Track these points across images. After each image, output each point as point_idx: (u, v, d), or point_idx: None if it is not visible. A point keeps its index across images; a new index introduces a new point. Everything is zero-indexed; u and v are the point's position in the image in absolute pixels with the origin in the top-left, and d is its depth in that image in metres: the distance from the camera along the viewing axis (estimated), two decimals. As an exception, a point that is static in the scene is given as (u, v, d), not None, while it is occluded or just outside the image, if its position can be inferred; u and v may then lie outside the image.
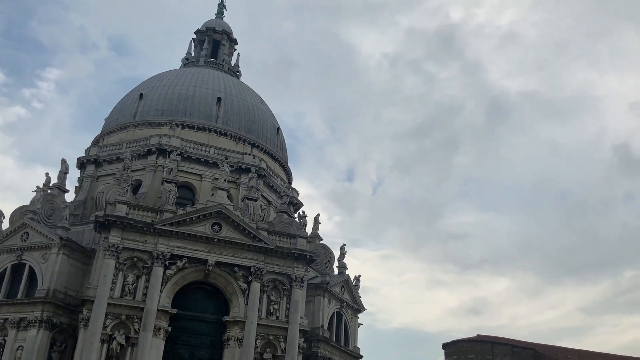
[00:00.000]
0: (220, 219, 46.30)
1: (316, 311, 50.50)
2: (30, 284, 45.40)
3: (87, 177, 58.68)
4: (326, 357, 50.19)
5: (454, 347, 72.14)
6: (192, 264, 44.79)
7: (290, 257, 47.60)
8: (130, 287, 42.68)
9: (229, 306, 45.78)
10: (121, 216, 43.51)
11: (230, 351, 44.00)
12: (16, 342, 42.78)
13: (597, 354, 75.47)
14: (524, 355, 70.64)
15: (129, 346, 41.11)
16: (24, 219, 47.81)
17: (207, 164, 57.32)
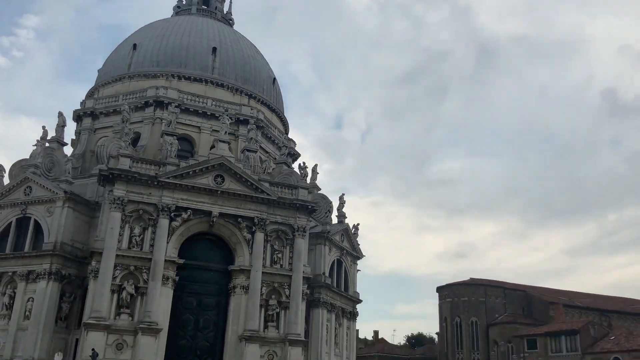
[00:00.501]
0: (223, 171, 46.71)
1: (318, 259, 51.76)
2: (36, 237, 45.95)
3: (84, 129, 58.52)
4: (328, 302, 51.86)
5: (448, 290, 74.52)
6: (196, 215, 45.46)
7: (292, 208, 48.42)
8: (137, 239, 43.39)
9: (233, 256, 46.84)
10: (125, 169, 43.73)
11: (236, 298, 45.34)
12: (26, 294, 43.67)
13: (586, 294, 78.37)
14: (515, 297, 73.28)
15: (138, 295, 42.18)
16: (26, 173, 47.86)
17: (205, 115, 57.35)
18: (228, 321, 44.98)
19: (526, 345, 61.35)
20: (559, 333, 58.93)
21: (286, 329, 45.40)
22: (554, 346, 59.06)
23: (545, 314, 69.36)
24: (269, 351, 44.44)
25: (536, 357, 59.80)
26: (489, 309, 71.03)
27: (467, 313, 70.94)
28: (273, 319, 45.58)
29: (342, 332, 54.95)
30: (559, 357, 58.06)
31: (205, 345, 44.60)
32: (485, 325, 69.79)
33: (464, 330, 70.55)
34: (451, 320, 72.13)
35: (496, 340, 68.09)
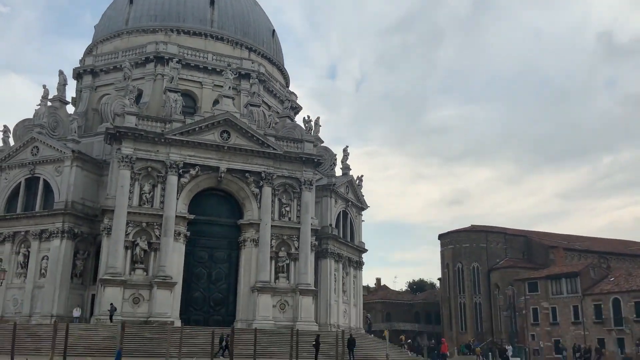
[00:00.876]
0: (228, 126, 46.84)
1: (324, 211, 52.54)
2: (46, 197, 46.41)
3: (85, 87, 58.10)
4: (335, 253, 53.00)
5: (450, 237, 75.99)
6: (204, 171, 45.87)
7: (298, 161, 48.85)
8: (147, 196, 43.93)
9: (242, 210, 47.55)
10: (132, 127, 43.84)
11: (247, 251, 46.34)
12: (40, 253, 44.50)
13: (584, 237, 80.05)
14: (516, 242, 74.89)
15: (151, 251, 43.07)
16: (32, 133, 47.88)
17: (207, 70, 56.90)
18: (239, 273, 46.12)
19: (527, 288, 63.17)
20: (559, 276, 60.60)
21: (296, 279, 46.62)
22: (555, 288, 60.87)
23: (545, 257, 71.09)
24: (281, 301, 45.79)
25: (537, 299, 61.73)
26: (490, 255, 72.73)
27: (468, 259, 72.63)
28: (283, 270, 46.74)
29: (349, 280, 56.36)
30: (560, 299, 59.94)
31: (219, 297, 45.87)
32: (487, 270, 71.60)
33: (465, 276, 72.43)
34: (453, 266, 73.91)
35: (497, 284, 70.03)
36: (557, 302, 60.32)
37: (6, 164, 47.75)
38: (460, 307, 72.21)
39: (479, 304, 71.05)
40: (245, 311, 44.91)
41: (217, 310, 45.57)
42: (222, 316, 45.32)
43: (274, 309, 45.23)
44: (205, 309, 45.23)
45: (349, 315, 55.15)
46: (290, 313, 45.69)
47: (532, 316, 61.89)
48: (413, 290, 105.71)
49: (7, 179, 47.65)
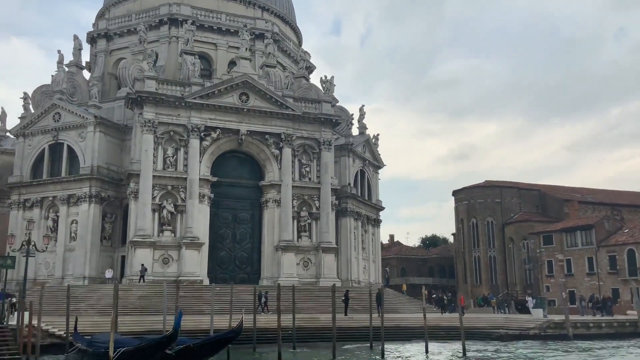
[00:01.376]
0: (247, 88, 47.10)
1: (342, 171, 53.19)
2: (71, 162, 47.24)
3: (99, 52, 58.11)
4: (354, 211, 53.91)
5: (464, 193, 76.59)
6: (225, 134, 46.43)
7: (317, 122, 49.25)
8: (170, 160, 44.68)
9: (263, 172, 48.29)
10: (152, 92, 44.24)
11: (270, 211, 47.31)
12: (69, 217, 45.67)
13: (597, 190, 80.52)
14: (530, 196, 75.43)
15: (178, 213, 44.12)
16: (53, 99, 48.34)
17: (221, 31, 56.71)
18: (263, 233, 47.22)
19: (542, 241, 64.16)
20: (574, 228, 61.42)
21: (318, 238, 47.70)
22: (570, 241, 61.80)
23: (559, 211, 71.81)
24: (304, 258, 47.02)
25: (552, 252, 62.79)
26: (504, 209, 73.48)
27: (483, 214, 73.47)
28: (305, 229, 47.79)
29: (368, 238, 57.49)
30: (575, 251, 60.92)
31: (244, 256, 47.13)
32: (501, 224, 72.49)
33: (480, 230, 73.43)
34: (467, 221, 74.84)
35: (512, 238, 71.04)
36: (572, 254, 61.33)
37: (29, 131, 48.47)
38: (475, 261, 73.54)
39: (493, 257, 72.31)
40: (270, 269, 46.20)
41: (242, 269, 46.91)
42: (247, 274, 46.70)
43: (298, 266, 46.50)
44: (231, 268, 46.55)
45: (368, 271, 56.51)
46: (314, 270, 46.97)
47: (547, 268, 63.08)
48: (426, 245, 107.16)
49: (31, 145, 48.45)
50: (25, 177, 47.79)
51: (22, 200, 47.37)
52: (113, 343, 18.07)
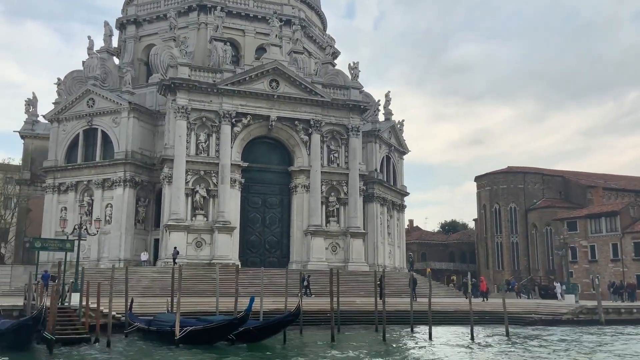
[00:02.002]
0: (277, 75, 47.60)
1: (369, 156, 53.71)
2: (105, 147, 48.23)
3: (129, 38, 58.89)
4: (381, 197, 54.52)
5: (487, 179, 76.70)
6: (255, 120, 47.08)
7: (345, 108, 49.71)
8: (203, 145, 45.48)
9: (292, 157, 48.97)
10: (185, 79, 44.94)
11: (299, 196, 48.07)
12: (104, 201, 46.78)
13: (619, 176, 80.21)
14: (553, 183, 75.37)
15: (210, 198, 45.03)
16: (86, 85, 49.25)
17: (248, 17, 57.20)
18: (292, 217, 48.03)
19: (567, 228, 64.38)
20: (599, 215, 61.51)
21: (346, 223, 48.39)
22: (594, 227, 61.95)
23: (582, 197, 71.76)
24: (332, 243, 47.79)
25: (576, 238, 63.00)
26: (527, 195, 73.52)
27: (505, 200, 73.62)
28: (334, 215, 48.50)
29: (393, 223, 58.12)
30: (599, 237, 61.09)
31: (273, 240, 48.03)
32: (524, 210, 72.65)
33: (502, 216, 73.66)
34: (490, 207, 75.10)
35: (535, 224, 71.24)
36: (596, 241, 61.51)
37: (63, 116, 49.45)
38: (497, 247, 73.88)
39: (516, 243, 72.58)
40: (299, 253, 47.07)
41: (272, 253, 47.82)
42: (277, 258, 47.62)
43: (326, 251, 47.29)
44: (261, 252, 47.48)
45: (393, 256, 57.23)
46: (342, 255, 47.74)
47: (570, 254, 63.34)
48: (445, 230, 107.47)
49: (65, 130, 49.49)
50: (60, 162, 48.91)
51: (57, 184, 48.56)
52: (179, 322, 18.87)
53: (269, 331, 21.53)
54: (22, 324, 19.77)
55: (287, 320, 21.92)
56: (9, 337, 19.84)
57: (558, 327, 29.95)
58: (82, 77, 56.08)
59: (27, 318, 19.88)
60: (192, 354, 19.83)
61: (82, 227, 29.43)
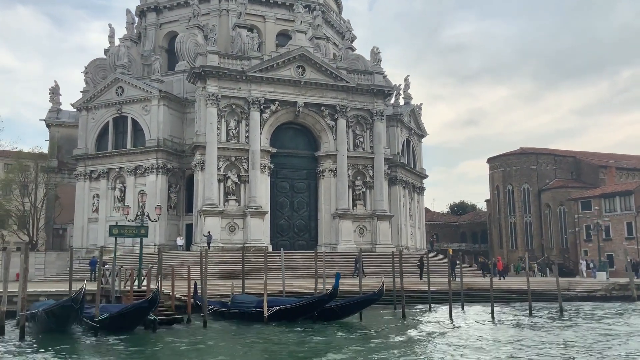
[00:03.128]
0: (303, 61, 48.35)
1: (392, 140, 54.67)
2: (135, 135, 49.05)
3: (149, 25, 59.35)
4: (403, 180, 55.65)
5: (500, 160, 77.80)
6: (283, 106, 47.93)
7: (370, 93, 50.58)
8: (233, 132, 46.39)
9: (317, 142, 49.92)
10: (215, 66, 45.66)
11: (326, 181, 49.12)
12: (136, 187, 47.69)
13: (629, 156, 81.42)
14: (565, 163, 76.58)
15: (241, 183, 46.06)
16: (115, 73, 49.90)
17: (269, 3, 57.73)
18: (319, 201, 49.14)
19: (580, 207, 65.74)
20: (613, 194, 62.84)
21: (372, 206, 49.53)
22: (608, 206, 63.31)
23: (594, 177, 73.06)
24: (359, 226, 48.98)
25: (590, 217, 64.39)
26: (540, 176, 74.71)
27: (519, 180, 74.79)
28: (360, 198, 49.63)
29: (414, 205, 59.31)
30: (613, 216, 62.49)
31: (301, 224, 49.19)
32: (537, 191, 73.91)
33: (515, 197, 74.94)
34: (503, 188, 76.34)
35: (548, 204, 72.55)
36: (611, 219, 62.92)
37: (92, 104, 50.16)
38: (510, 227, 75.29)
39: (529, 223, 73.96)
40: (328, 236, 48.25)
41: (300, 236, 49.03)
42: (305, 241, 48.84)
43: (354, 233, 48.48)
44: (290, 235, 48.68)
45: (415, 237, 58.53)
46: (369, 237, 48.95)
47: (584, 233, 64.83)
48: (454, 212, 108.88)
49: (95, 118, 50.26)
50: (90, 149, 49.75)
51: (88, 171, 49.47)
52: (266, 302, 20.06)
53: (350, 309, 22.76)
54: (138, 307, 21.04)
55: (372, 299, 23.16)
56: (120, 320, 21.07)
57: (594, 303, 31.31)
58: (105, 65, 56.71)
59: (143, 301, 21.16)
60: (286, 330, 21.14)
61: (144, 213, 30.34)
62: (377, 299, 23.34)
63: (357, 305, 22.90)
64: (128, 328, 21.18)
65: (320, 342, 18.97)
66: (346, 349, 17.33)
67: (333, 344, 18.53)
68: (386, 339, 19.55)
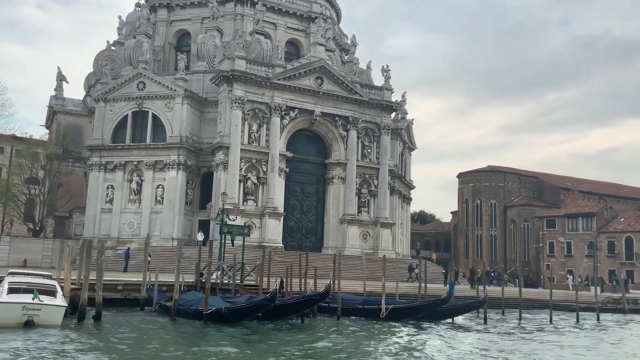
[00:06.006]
0: (322, 73, 51.14)
1: (392, 152, 58.24)
2: (155, 130, 50.13)
3: (160, 21, 60.27)
4: (398, 190, 59.42)
5: (469, 176, 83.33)
6: (301, 114, 50.52)
7: (379, 108, 53.99)
8: (255, 135, 48.54)
9: (328, 150, 52.79)
10: (243, 71, 47.69)
11: (335, 187, 52.06)
12: (155, 182, 48.88)
13: (584, 180, 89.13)
14: (529, 182, 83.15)
15: (260, 184, 48.29)
16: (138, 68, 50.82)
17: (280, 12, 59.96)
18: (327, 206, 52.03)
19: (545, 225, 71.84)
20: (576, 215, 69.29)
21: (376, 213, 52.92)
22: (571, 226, 69.71)
23: (555, 197, 79.80)
24: (363, 231, 52.24)
25: (554, 234, 70.59)
26: (506, 193, 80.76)
27: (487, 196, 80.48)
28: (365, 205, 52.91)
29: (403, 214, 63.24)
30: (576, 235, 68.92)
31: (309, 226, 51.92)
32: (503, 207, 79.84)
33: (483, 211, 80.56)
34: (472, 202, 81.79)
35: (514, 220, 78.55)
36: (573, 238, 69.38)
37: (111, 97, 50.81)
38: (477, 238, 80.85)
39: (494, 236, 79.74)
40: (334, 239, 51.19)
41: (308, 238, 51.71)
42: (312, 243, 51.53)
43: (359, 238, 51.70)
44: (299, 237, 51.29)
45: (402, 244, 62.44)
46: (371, 242, 52.30)
47: (548, 248, 71.00)
48: (414, 220, 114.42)
49: (112, 110, 50.91)
50: (107, 141, 50.39)
51: (104, 162, 50.10)
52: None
53: (455, 312, 25.98)
54: (309, 298, 24.57)
55: (475, 305, 26.60)
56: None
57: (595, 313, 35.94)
58: (114, 57, 57.52)
59: (315, 294, 24.77)
60: (402, 327, 24.08)
61: (224, 212, 32.25)
62: (480, 306, 27.15)
63: (463, 309, 26.34)
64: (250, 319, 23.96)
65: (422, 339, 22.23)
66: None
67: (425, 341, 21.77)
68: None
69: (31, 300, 19.60)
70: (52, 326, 19.52)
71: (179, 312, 24.72)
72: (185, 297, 25.44)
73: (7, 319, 19.29)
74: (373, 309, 25.46)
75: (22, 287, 20.80)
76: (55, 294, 21.11)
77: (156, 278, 27.50)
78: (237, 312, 23.29)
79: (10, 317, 19.34)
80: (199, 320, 23.36)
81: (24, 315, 19.40)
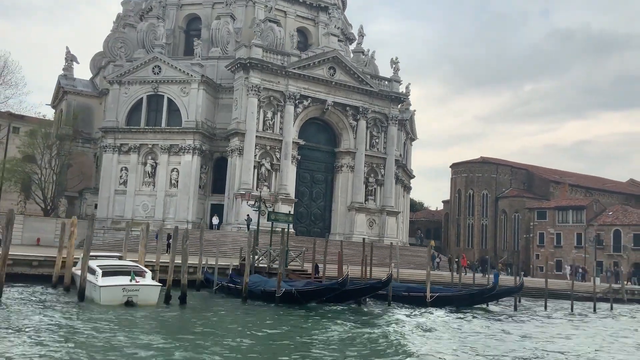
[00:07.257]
0: (335, 63, 52.30)
1: (398, 143, 59.79)
2: (169, 114, 50.81)
3: (170, 5, 60.55)
4: (402, 179, 61.15)
5: (463, 166, 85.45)
6: (314, 103, 51.71)
7: (387, 99, 55.44)
8: (269, 122, 49.62)
9: (338, 139, 54.13)
10: (260, 59, 48.61)
11: (343, 175, 53.54)
12: (169, 165, 49.73)
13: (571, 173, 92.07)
14: (520, 174, 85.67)
15: (273, 171, 49.50)
16: (154, 52, 51.30)
17: (291, 0, 60.74)
18: (335, 194, 53.52)
19: (536, 216, 74.46)
20: (566, 207, 71.98)
21: (382, 201, 54.62)
22: (561, 218, 72.42)
23: (545, 189, 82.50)
24: (370, 219, 53.94)
25: (544, 225, 73.29)
26: (498, 184, 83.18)
27: (479, 186, 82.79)
28: (372, 194, 54.55)
29: (404, 202, 65.07)
30: (566, 227, 71.67)
31: (318, 213, 53.39)
32: (495, 197, 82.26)
33: (475, 201, 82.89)
34: (465, 192, 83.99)
35: (505, 210, 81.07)
36: (563, 229, 72.14)
37: (126, 79, 51.27)
38: (468, 227, 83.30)
39: (485, 225, 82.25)
40: (342, 226, 52.79)
41: (316, 224, 53.22)
42: (320, 229, 53.05)
43: (365, 225, 53.37)
44: (307, 223, 52.75)
45: (402, 231, 64.33)
46: (377, 229, 54.03)
47: (538, 239, 73.70)
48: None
49: (127, 93, 51.42)
50: (121, 123, 50.95)
51: (118, 144, 50.69)
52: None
53: (497, 297, 28.01)
54: (372, 285, 25.96)
55: (514, 290, 28.58)
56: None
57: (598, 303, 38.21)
58: (125, 39, 57.83)
59: (377, 281, 26.44)
60: (446, 314, 25.71)
61: (262, 200, 33.39)
62: (517, 291, 29.04)
63: (504, 293, 28.33)
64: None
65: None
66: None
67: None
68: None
69: (129, 282, 20.95)
70: (149, 305, 20.87)
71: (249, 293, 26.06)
72: (251, 279, 26.71)
73: (110, 300, 20.81)
74: (419, 297, 27.15)
75: (115, 270, 22.17)
76: (145, 275, 22.40)
77: (216, 261, 29.16)
78: (307, 294, 24.84)
79: (114, 298, 20.86)
80: (268, 301, 24.80)
81: (124, 296, 20.93)
